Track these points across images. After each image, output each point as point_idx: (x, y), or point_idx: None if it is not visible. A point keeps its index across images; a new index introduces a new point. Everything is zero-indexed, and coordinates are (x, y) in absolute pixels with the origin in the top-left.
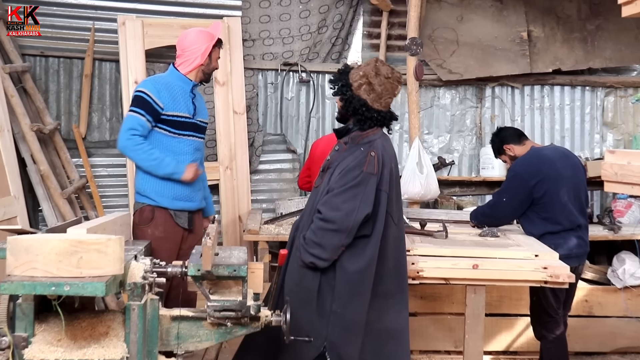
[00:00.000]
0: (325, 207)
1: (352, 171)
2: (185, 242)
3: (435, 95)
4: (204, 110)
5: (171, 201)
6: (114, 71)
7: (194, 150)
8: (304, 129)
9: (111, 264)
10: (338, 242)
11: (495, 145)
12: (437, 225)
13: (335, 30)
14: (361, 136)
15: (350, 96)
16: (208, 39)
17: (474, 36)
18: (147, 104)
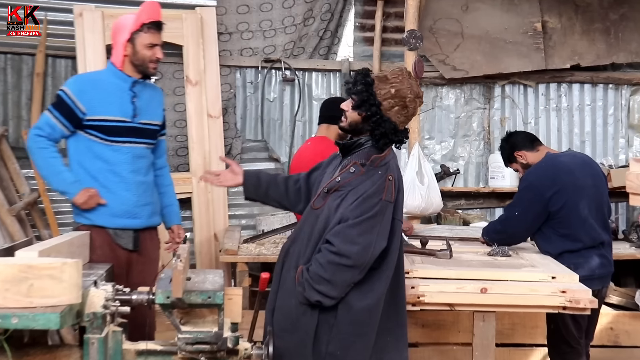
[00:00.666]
0: (338, 239)
1: (370, 199)
2: (133, 267)
3: (437, 95)
4: (152, 110)
5: (109, 219)
6: (69, 69)
7: (133, 158)
8: (288, 134)
9: (67, 292)
10: (350, 279)
11: (505, 152)
12: (440, 243)
13: (323, 21)
14: (380, 158)
15: (380, 118)
16: (128, 23)
17: (481, 28)
18: (65, 106)
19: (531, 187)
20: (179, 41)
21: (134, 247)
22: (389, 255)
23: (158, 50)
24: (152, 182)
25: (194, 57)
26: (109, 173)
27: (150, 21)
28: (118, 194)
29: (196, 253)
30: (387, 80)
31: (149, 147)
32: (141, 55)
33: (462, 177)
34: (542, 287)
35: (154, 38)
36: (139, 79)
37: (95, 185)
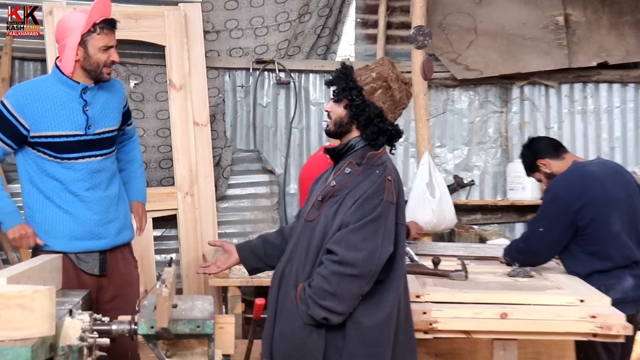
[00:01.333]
0: (340, 246)
1: (370, 200)
2: (104, 292)
3: (448, 98)
4: (108, 115)
5: (68, 242)
6: (39, 73)
7: (90, 174)
8: (283, 143)
9: (39, 323)
10: (357, 291)
11: (527, 161)
12: (454, 263)
13: (320, 17)
14: (377, 155)
15: (362, 102)
16: (77, 23)
17: (496, 23)
18: (6, 122)
19: (556, 200)
20: (161, 41)
21: (101, 271)
22: (397, 263)
23: (113, 53)
24: (117, 194)
25: (178, 59)
26: (63, 192)
27: (103, 19)
28: (76, 215)
29: (183, 276)
30: (367, 68)
31: (108, 156)
32: (95, 60)
33: (478, 189)
34: (570, 312)
35: (109, 39)
36: (91, 84)
37: (50, 206)
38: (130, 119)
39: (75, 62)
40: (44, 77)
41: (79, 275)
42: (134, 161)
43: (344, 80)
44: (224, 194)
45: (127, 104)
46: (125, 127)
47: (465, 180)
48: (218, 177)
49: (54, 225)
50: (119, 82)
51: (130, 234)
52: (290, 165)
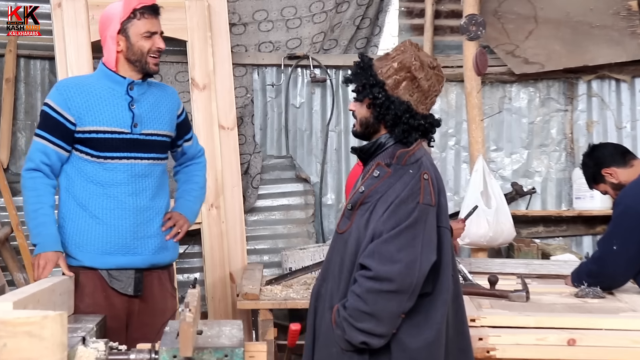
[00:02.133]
0: (373, 259)
1: (404, 204)
2: (135, 318)
3: (505, 95)
4: (159, 116)
5: (99, 257)
6: (47, 72)
7: (133, 177)
8: (319, 148)
9: (49, 352)
10: (398, 309)
11: (589, 171)
12: (513, 282)
13: (360, 7)
14: (408, 153)
15: (387, 99)
16: (117, 12)
17: (559, 9)
18: (53, 121)
19: (629, 212)
20: (182, 35)
21: (135, 291)
22: (442, 274)
23: (158, 39)
24: (163, 208)
25: (201, 55)
26: (102, 198)
27: (143, 5)
28: (111, 224)
29: (208, 299)
30: (387, 57)
31: (157, 162)
32: (138, 48)
33: (539, 198)
34: None
35: (151, 24)
36: (139, 80)
37: (83, 216)
38: (189, 133)
39: (117, 53)
40: (89, 74)
41: (109, 296)
42: (193, 182)
43: (363, 75)
44: (253, 206)
45: (184, 114)
46: (183, 143)
47: (525, 188)
48: (246, 186)
49: (86, 237)
50: (172, 88)
51: (171, 256)
52: (327, 173)
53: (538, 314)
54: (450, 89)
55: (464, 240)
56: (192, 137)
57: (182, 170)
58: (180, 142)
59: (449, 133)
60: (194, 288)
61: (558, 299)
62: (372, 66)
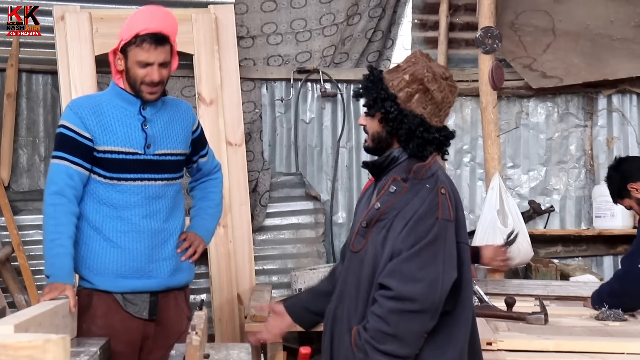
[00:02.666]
0: (394, 279)
1: (423, 220)
2: (151, 339)
3: (522, 110)
4: (172, 135)
5: (114, 281)
6: (49, 87)
7: (147, 199)
8: (329, 165)
9: None
10: (421, 328)
11: (614, 185)
12: (531, 303)
13: (372, 19)
14: (424, 167)
15: (399, 113)
16: (124, 29)
17: (578, 21)
18: (71, 142)
19: None
20: (188, 49)
21: (150, 315)
22: (463, 291)
23: (153, 71)
24: (177, 229)
25: (208, 69)
26: (115, 221)
27: (147, 33)
28: (125, 248)
29: (215, 320)
30: (398, 69)
31: (171, 182)
32: (132, 74)
33: (558, 217)
34: None
35: (148, 55)
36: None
37: (97, 239)
38: (204, 149)
39: (120, 73)
40: (101, 92)
41: (123, 319)
42: (209, 199)
43: (373, 89)
44: (261, 225)
45: (200, 129)
46: (199, 158)
47: (542, 207)
48: (255, 205)
49: (99, 260)
50: (186, 104)
51: (187, 277)
52: (337, 191)
53: (557, 337)
54: (465, 103)
55: None
56: (208, 153)
57: (197, 187)
58: (195, 158)
59: (464, 149)
60: (201, 310)
61: (578, 321)
62: (382, 79)
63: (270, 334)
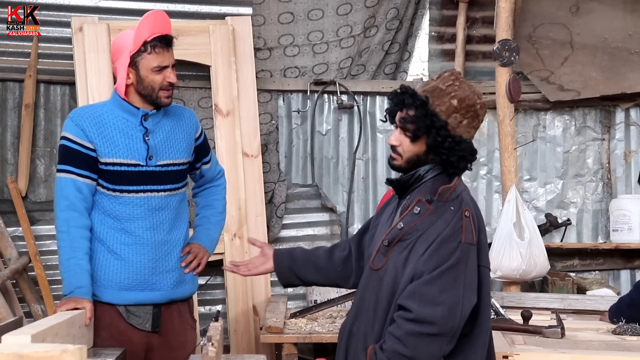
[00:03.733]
0: (414, 301)
1: (446, 244)
2: (155, 351)
3: (539, 123)
4: (174, 145)
5: (117, 293)
6: (67, 98)
7: (150, 211)
8: (346, 176)
9: None
10: (438, 352)
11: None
12: (547, 317)
13: (389, 31)
14: (450, 190)
15: (452, 140)
16: (127, 42)
17: (596, 35)
18: (74, 153)
19: None
20: (206, 60)
21: (153, 327)
22: (481, 315)
23: (169, 73)
24: (180, 240)
25: (225, 81)
26: (119, 233)
27: (154, 37)
28: (128, 260)
29: (230, 332)
30: (442, 92)
31: (174, 193)
32: (148, 83)
33: (575, 230)
34: None
35: (162, 58)
36: (152, 110)
37: (101, 250)
38: (207, 156)
39: (128, 86)
40: (102, 102)
41: (126, 331)
42: (212, 207)
43: (421, 115)
44: (277, 236)
45: (203, 136)
46: (202, 165)
47: (559, 220)
48: (271, 216)
49: (103, 272)
50: (189, 110)
51: (190, 289)
52: (353, 202)
53: (574, 351)
54: None
55: (495, 274)
56: (211, 160)
57: (200, 194)
58: (198, 165)
59: (481, 162)
60: (217, 321)
61: (595, 335)
62: (427, 103)
63: (248, 272)
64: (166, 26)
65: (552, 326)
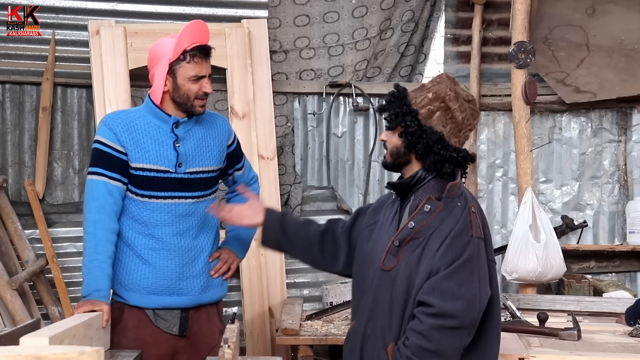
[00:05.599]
0: (435, 296)
1: (459, 239)
2: (182, 354)
3: (555, 125)
4: (204, 153)
5: (145, 297)
6: (84, 101)
7: (177, 217)
8: (361, 178)
9: None
10: (460, 344)
11: None
12: (563, 319)
13: (404, 34)
14: (457, 186)
15: (419, 128)
16: (166, 49)
17: (612, 36)
18: (107, 157)
19: None
20: (221, 63)
21: (180, 331)
22: (493, 308)
23: (206, 83)
24: (207, 246)
25: (241, 83)
26: (146, 238)
27: (194, 46)
28: (156, 265)
29: (246, 334)
30: (423, 88)
31: (201, 200)
32: (184, 91)
33: (591, 232)
34: None
35: (200, 68)
36: (184, 118)
37: (129, 255)
38: (240, 162)
39: (164, 93)
40: (135, 108)
41: (154, 333)
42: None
43: (396, 104)
44: None
45: (236, 143)
46: (234, 172)
47: (575, 222)
48: None
49: (131, 276)
50: (222, 117)
51: (219, 293)
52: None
53: (590, 353)
54: (498, 118)
55: (511, 276)
56: (244, 166)
57: (233, 199)
58: (230, 171)
59: (497, 164)
60: (233, 323)
61: (611, 338)
62: (406, 96)
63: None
64: (206, 36)
65: (568, 328)
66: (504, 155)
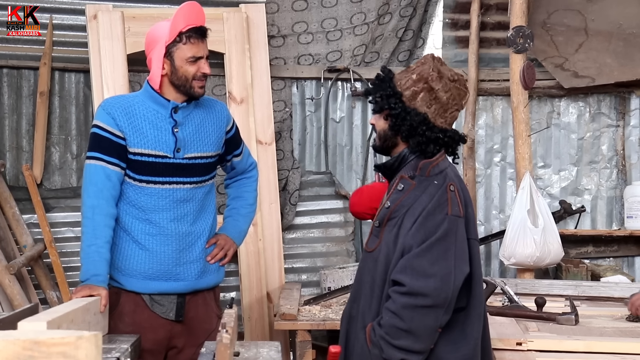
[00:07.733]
0: (406, 275)
1: (432, 216)
2: (176, 340)
3: (553, 110)
4: (203, 138)
5: (141, 282)
6: (81, 85)
7: (175, 203)
8: (359, 164)
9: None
10: (435, 323)
11: None
12: (561, 304)
13: (403, 18)
14: (432, 164)
15: (403, 110)
16: (162, 33)
17: (611, 21)
18: (105, 141)
19: None
20: (219, 47)
21: (177, 316)
22: (474, 287)
23: (203, 64)
24: (205, 232)
25: (239, 68)
26: (143, 223)
27: (190, 28)
28: (152, 251)
29: (245, 319)
30: (408, 70)
31: (200, 185)
32: (182, 73)
33: (589, 217)
34: None
35: (197, 49)
36: (183, 103)
37: (126, 240)
38: (238, 148)
39: (162, 76)
40: (134, 93)
41: (150, 318)
42: (242, 198)
43: (381, 87)
44: (291, 223)
45: (234, 129)
46: (233, 158)
47: (573, 207)
48: (284, 203)
49: (128, 262)
50: (221, 103)
51: (215, 278)
52: None
53: (587, 338)
54: (496, 103)
55: (509, 261)
56: (243, 152)
57: (232, 185)
58: (229, 157)
59: (495, 149)
60: (231, 308)
61: (609, 322)
62: (392, 78)
63: None
64: (201, 17)
65: (566, 313)
66: (502, 140)
